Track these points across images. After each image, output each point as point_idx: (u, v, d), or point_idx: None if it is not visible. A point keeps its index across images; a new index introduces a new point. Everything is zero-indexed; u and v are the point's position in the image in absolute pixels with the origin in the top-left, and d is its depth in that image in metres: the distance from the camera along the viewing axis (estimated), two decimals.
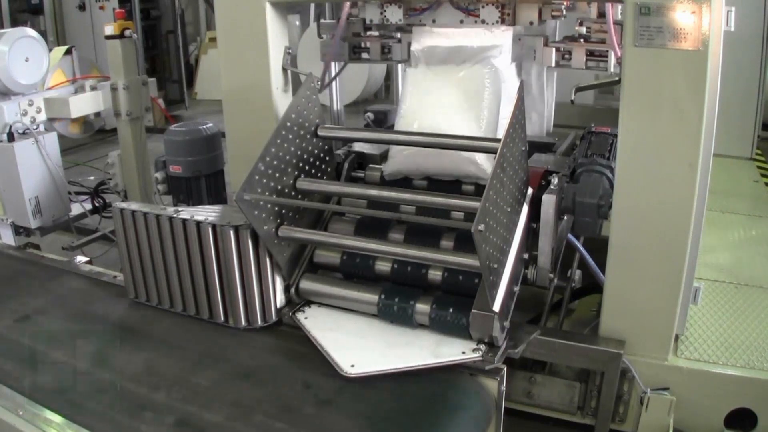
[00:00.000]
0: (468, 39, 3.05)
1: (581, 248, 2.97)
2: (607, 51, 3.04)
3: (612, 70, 3.02)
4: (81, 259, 3.58)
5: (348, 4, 3.36)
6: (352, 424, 2.25)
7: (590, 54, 3.09)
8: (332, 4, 4.42)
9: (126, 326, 2.95)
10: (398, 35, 3.51)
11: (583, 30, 3.08)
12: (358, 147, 3.32)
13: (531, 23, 2.96)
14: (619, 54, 2.82)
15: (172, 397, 2.40)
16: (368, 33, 3.56)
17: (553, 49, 3.19)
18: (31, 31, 4.14)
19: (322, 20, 3.49)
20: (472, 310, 2.48)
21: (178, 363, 2.62)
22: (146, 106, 4.60)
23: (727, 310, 3.16)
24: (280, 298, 2.83)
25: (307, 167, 2.94)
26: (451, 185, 3.00)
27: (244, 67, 3.27)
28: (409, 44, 3.43)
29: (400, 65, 4.35)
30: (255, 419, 2.28)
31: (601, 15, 3.00)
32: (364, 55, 3.65)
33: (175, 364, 2.61)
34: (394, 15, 3.15)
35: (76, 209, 4.44)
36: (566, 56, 3.18)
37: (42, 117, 4.19)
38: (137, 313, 3.00)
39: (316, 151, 2.99)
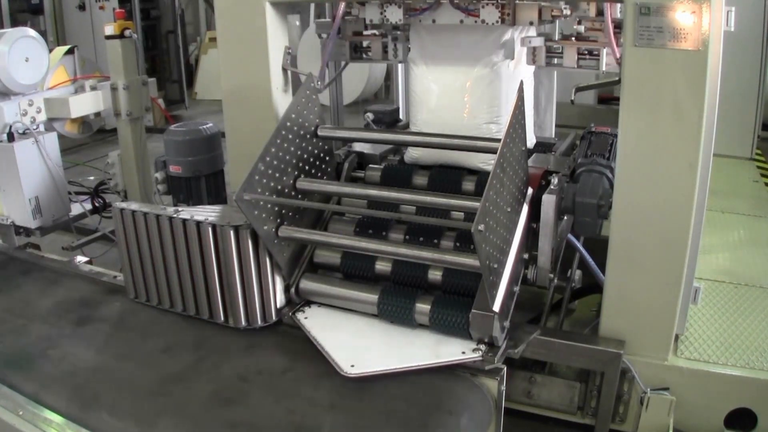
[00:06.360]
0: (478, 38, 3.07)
1: (581, 248, 2.97)
2: (598, 49, 3.02)
3: (604, 69, 3.01)
4: (81, 259, 3.59)
5: (343, 3, 3.35)
6: (352, 424, 2.25)
7: (583, 53, 3.08)
8: (331, 4, 4.41)
9: (126, 326, 2.95)
10: (397, 33, 3.49)
11: (582, 29, 3.06)
12: (358, 147, 3.33)
13: (531, 23, 2.96)
14: (617, 51, 2.81)
15: (173, 397, 2.40)
16: (370, 32, 3.53)
17: (543, 48, 3.15)
18: (31, 31, 4.12)
19: (320, 19, 3.46)
20: (472, 310, 2.49)
21: (179, 363, 2.62)
22: (146, 106, 4.59)
23: (727, 310, 3.17)
24: (280, 298, 2.83)
25: (307, 167, 2.94)
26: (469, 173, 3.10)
27: (244, 67, 3.27)
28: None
29: (400, 64, 4.35)
30: (255, 419, 2.28)
31: (600, 13, 2.97)
32: (366, 55, 3.65)
33: (175, 364, 2.61)
34: (394, 15, 3.14)
35: (76, 209, 4.43)
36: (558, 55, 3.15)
37: (42, 117, 4.18)
38: (137, 313, 3.01)
39: (316, 151, 2.99)
